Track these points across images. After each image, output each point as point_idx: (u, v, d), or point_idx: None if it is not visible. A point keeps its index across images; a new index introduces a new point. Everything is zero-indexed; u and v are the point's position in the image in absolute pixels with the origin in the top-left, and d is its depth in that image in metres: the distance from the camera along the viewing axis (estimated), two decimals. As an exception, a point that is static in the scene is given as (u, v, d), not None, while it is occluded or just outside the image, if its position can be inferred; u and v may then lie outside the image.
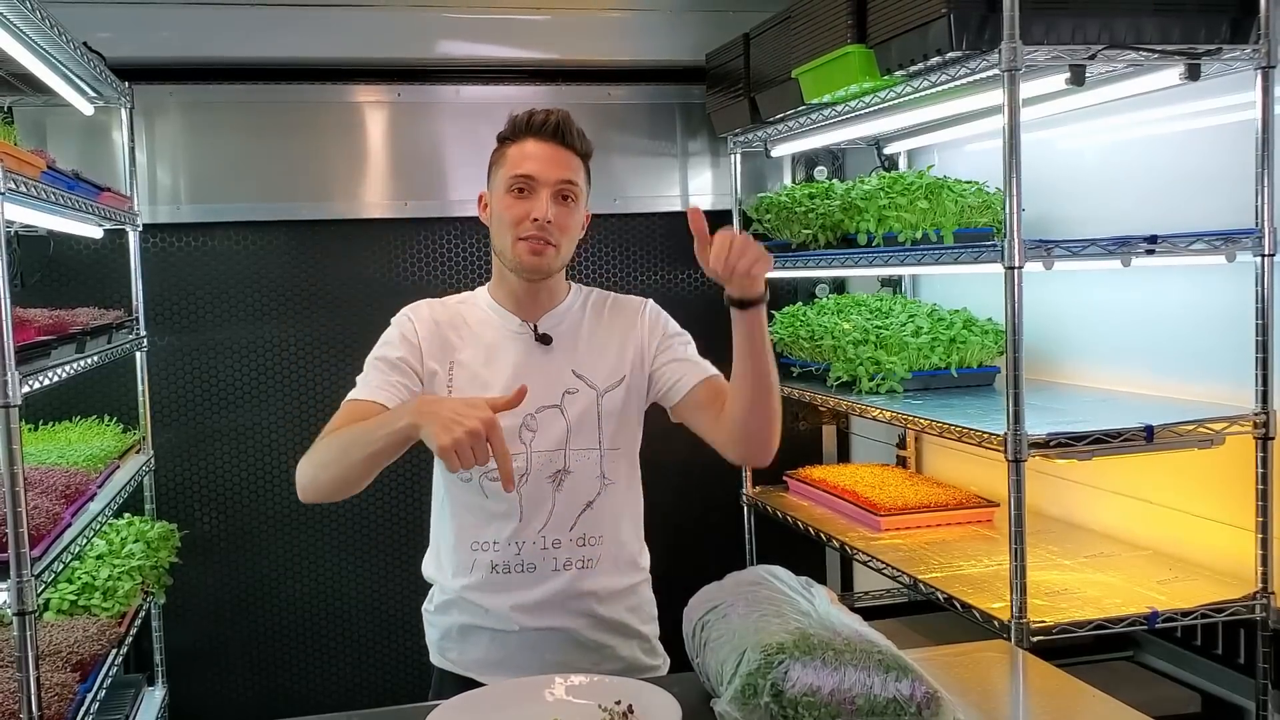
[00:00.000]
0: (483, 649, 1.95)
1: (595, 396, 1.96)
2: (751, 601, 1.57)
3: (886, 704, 1.37)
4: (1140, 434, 2.15)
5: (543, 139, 1.92)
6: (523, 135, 1.93)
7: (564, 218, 1.91)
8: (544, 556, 1.92)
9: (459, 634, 1.98)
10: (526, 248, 1.90)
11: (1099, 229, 2.43)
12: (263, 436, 3.52)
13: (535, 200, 1.89)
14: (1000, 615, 2.16)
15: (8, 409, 1.82)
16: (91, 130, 3.34)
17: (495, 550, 1.93)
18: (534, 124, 1.93)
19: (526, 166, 1.90)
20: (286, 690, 3.55)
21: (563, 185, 1.91)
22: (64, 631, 2.41)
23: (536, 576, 1.92)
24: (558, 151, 1.92)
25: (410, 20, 3.49)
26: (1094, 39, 2.14)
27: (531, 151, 1.91)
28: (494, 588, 1.93)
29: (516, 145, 1.93)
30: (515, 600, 1.92)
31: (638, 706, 1.52)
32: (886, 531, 2.85)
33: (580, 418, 1.94)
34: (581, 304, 2.04)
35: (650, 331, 2.02)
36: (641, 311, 2.05)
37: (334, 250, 3.55)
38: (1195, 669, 2.44)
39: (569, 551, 1.93)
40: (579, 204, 1.95)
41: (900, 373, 2.86)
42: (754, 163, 3.81)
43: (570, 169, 1.92)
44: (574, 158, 1.94)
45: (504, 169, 1.93)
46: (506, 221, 1.91)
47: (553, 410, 1.93)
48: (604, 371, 1.98)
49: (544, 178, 1.89)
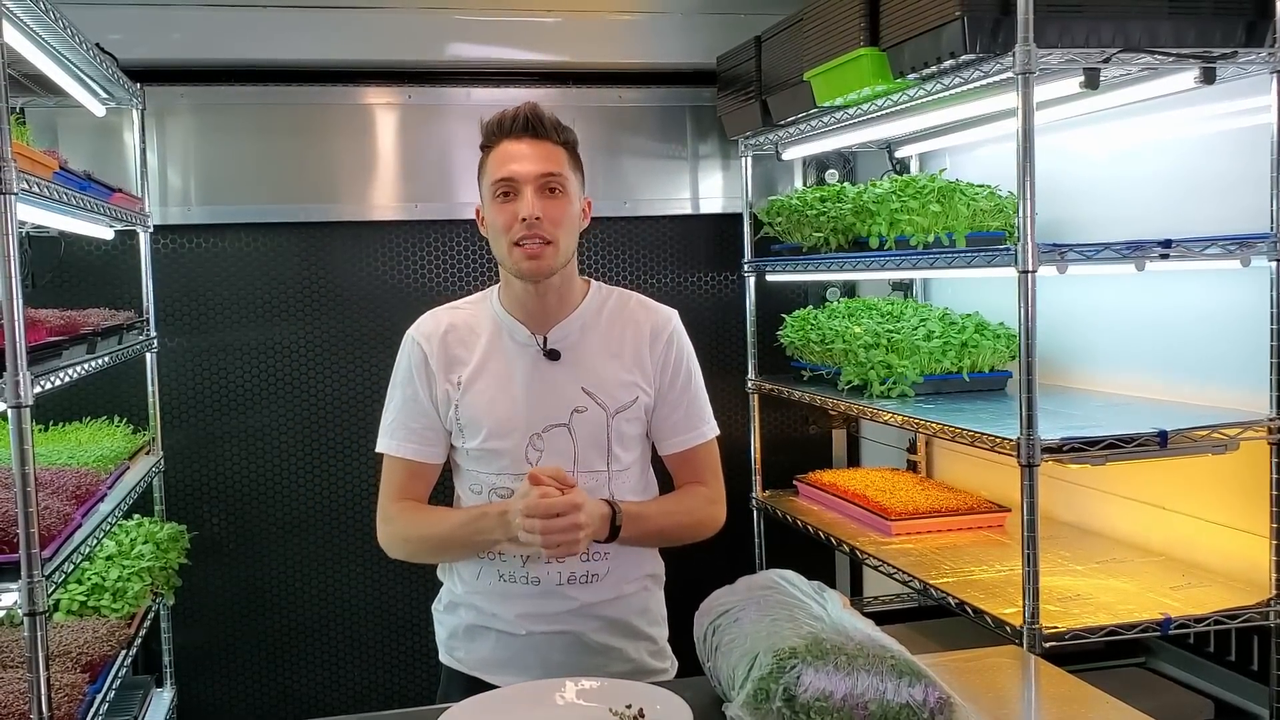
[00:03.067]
0: (489, 649, 1.95)
1: (606, 418, 1.92)
2: (763, 606, 1.56)
3: (899, 709, 1.37)
4: (1154, 439, 2.14)
5: (516, 137, 1.89)
6: (497, 139, 1.91)
7: (554, 210, 1.87)
8: (548, 571, 1.91)
9: (466, 633, 1.98)
10: (523, 253, 1.87)
11: (1113, 233, 2.41)
12: (272, 438, 3.52)
13: (520, 200, 1.86)
14: (1012, 621, 2.15)
15: (20, 409, 1.81)
16: (103, 131, 3.35)
17: (502, 560, 1.92)
18: (504, 124, 1.90)
19: (505, 169, 1.87)
20: (295, 691, 3.55)
21: (544, 178, 1.87)
22: (74, 632, 2.42)
23: (542, 589, 1.92)
24: (533, 146, 1.88)
25: (421, 22, 3.49)
26: (1108, 42, 2.13)
27: (509, 152, 1.89)
28: (501, 595, 1.93)
29: (495, 151, 1.91)
30: (521, 610, 1.92)
31: (649, 710, 1.52)
32: (897, 536, 2.84)
33: (589, 439, 1.91)
34: (598, 310, 1.98)
35: (664, 362, 1.98)
36: (662, 329, 2.00)
37: (344, 252, 3.55)
38: (1208, 676, 2.42)
39: (573, 567, 1.92)
40: (568, 194, 1.90)
41: (911, 377, 2.85)
42: (765, 166, 3.81)
43: (549, 160, 1.88)
44: (553, 148, 1.90)
45: (487, 177, 1.91)
46: (498, 228, 1.89)
47: (560, 429, 1.91)
48: (616, 390, 1.94)
49: (524, 175, 1.86)
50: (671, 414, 1.99)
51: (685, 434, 2.00)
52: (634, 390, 1.95)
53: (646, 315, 2.01)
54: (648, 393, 1.96)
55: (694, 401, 2.01)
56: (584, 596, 1.92)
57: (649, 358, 1.97)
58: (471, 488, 1.96)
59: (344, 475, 3.56)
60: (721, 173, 3.81)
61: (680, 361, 2.00)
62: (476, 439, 1.92)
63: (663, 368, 1.98)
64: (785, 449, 3.79)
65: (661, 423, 1.99)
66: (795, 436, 3.88)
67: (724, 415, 3.76)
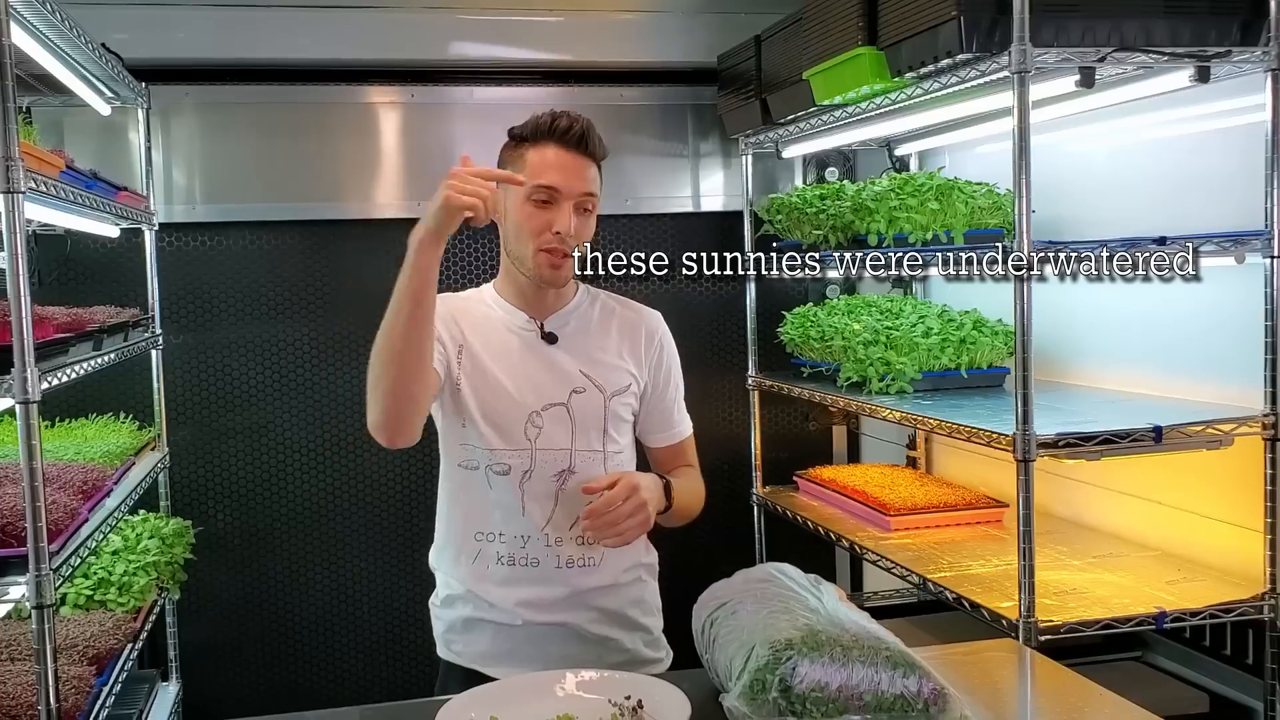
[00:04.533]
0: (487, 642, 1.97)
1: (603, 400, 1.97)
2: (760, 598, 1.58)
3: (894, 700, 1.39)
4: (1149, 434, 2.16)
5: (566, 147, 1.89)
6: (545, 139, 1.90)
7: (583, 229, 1.92)
8: (547, 554, 1.94)
9: (464, 627, 2.00)
10: (547, 260, 1.91)
11: (1109, 230, 2.43)
12: (276, 434, 3.55)
13: (558, 212, 1.89)
14: (1009, 614, 2.17)
15: (27, 404, 1.84)
16: (108, 130, 3.37)
17: (501, 541, 1.94)
18: (558, 129, 1.90)
19: (550, 177, 1.88)
20: (299, 685, 3.58)
21: (584, 198, 1.91)
22: (80, 626, 2.44)
23: (540, 572, 1.94)
24: (579, 161, 1.90)
25: (424, 22, 3.51)
26: (1104, 41, 2.14)
27: (554, 160, 1.89)
28: (498, 580, 1.95)
29: (537, 149, 1.90)
30: (520, 596, 1.94)
31: (647, 702, 1.54)
32: (896, 531, 2.86)
33: (586, 419, 1.95)
34: (590, 305, 2.05)
35: (658, 363, 2.07)
36: (654, 330, 2.08)
37: (348, 250, 3.57)
38: (1203, 669, 2.44)
39: (570, 550, 1.95)
40: (595, 213, 1.96)
41: (910, 373, 2.86)
42: (765, 164, 3.82)
43: (590, 180, 1.92)
44: (593, 166, 1.93)
45: (526, 174, 1.90)
46: (528, 231, 1.91)
47: (559, 408, 1.95)
48: (612, 376, 2.00)
49: (568, 190, 1.89)
50: (668, 409, 2.10)
51: (678, 426, 2.13)
52: (628, 377, 2.02)
53: (637, 314, 2.10)
54: (639, 383, 2.04)
55: (680, 397, 2.13)
56: (581, 582, 1.95)
57: (642, 353, 2.05)
58: (466, 463, 1.96)
59: (347, 471, 3.58)
60: (722, 171, 3.83)
61: (672, 361, 2.11)
62: (476, 415, 1.93)
63: (657, 366, 2.07)
64: (785, 445, 3.81)
65: (655, 417, 2.09)
66: (795, 433, 3.90)
67: (724, 411, 3.84)
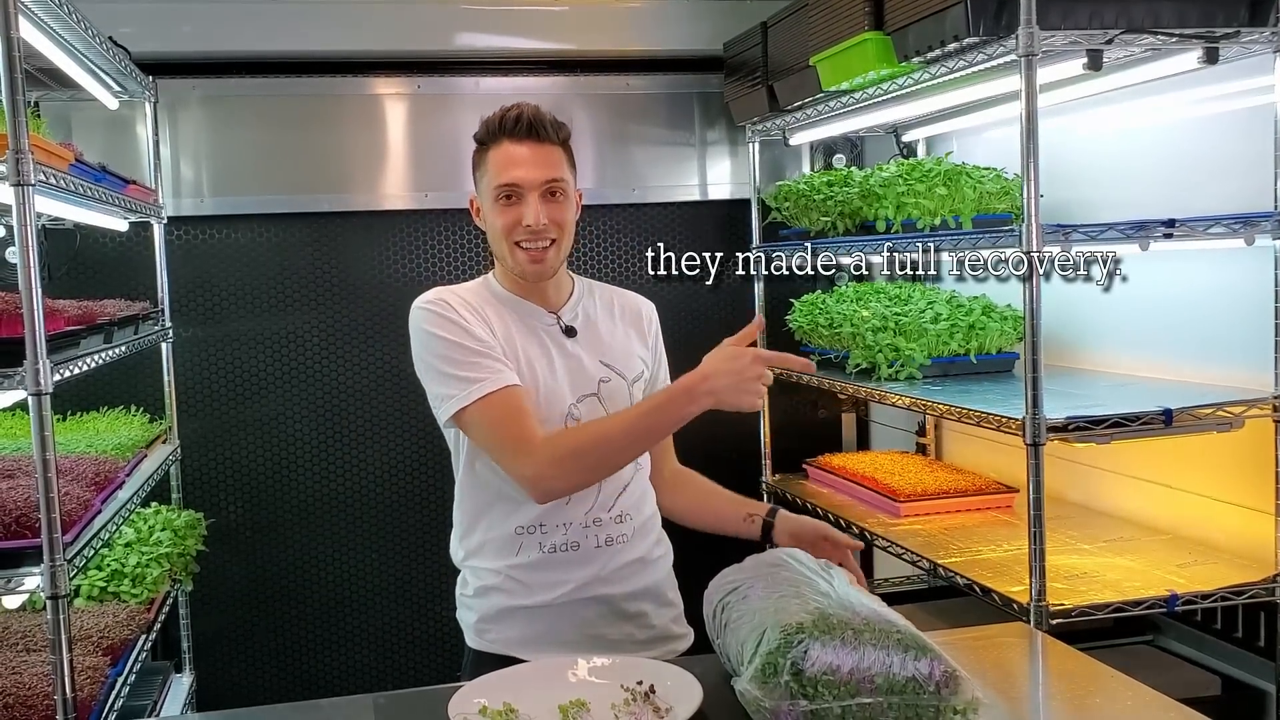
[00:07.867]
0: (520, 627, 1.97)
1: (626, 386, 2.01)
2: (771, 583, 1.59)
3: (906, 683, 1.39)
4: (1159, 417, 2.15)
5: (518, 138, 1.91)
6: (498, 137, 1.92)
7: (556, 214, 1.92)
8: (586, 535, 1.96)
9: (498, 616, 1.99)
10: (526, 257, 1.93)
11: (1117, 213, 2.42)
12: (287, 426, 3.56)
13: (525, 205, 1.90)
14: (1020, 599, 2.17)
15: (40, 396, 1.85)
16: (116, 124, 3.38)
17: (542, 533, 1.95)
18: (506, 124, 1.91)
19: (510, 174, 1.90)
20: (312, 675, 3.59)
21: (549, 184, 1.91)
22: (94, 617, 2.46)
23: (581, 555, 1.96)
24: (536, 149, 1.91)
25: (429, 13, 3.52)
26: (1111, 24, 2.13)
27: (511, 155, 1.90)
28: (542, 567, 1.96)
29: (495, 149, 1.93)
30: (559, 578, 1.96)
31: (659, 686, 1.54)
32: (906, 518, 2.86)
33: (615, 406, 1.98)
34: (589, 296, 2.08)
35: (655, 348, 2.12)
36: (651, 317, 2.13)
37: (355, 241, 3.58)
38: (1215, 652, 2.44)
39: (608, 529, 1.98)
40: (568, 195, 1.95)
41: (919, 359, 2.86)
42: (772, 151, 3.82)
43: (552, 165, 1.92)
44: (553, 150, 1.93)
45: (488, 176, 1.94)
46: (500, 230, 1.93)
47: (591, 399, 1.98)
48: (629, 363, 2.04)
49: (528, 182, 1.90)
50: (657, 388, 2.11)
51: None
52: (640, 363, 2.06)
53: (634, 301, 2.13)
54: (649, 368, 2.08)
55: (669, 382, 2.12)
56: (615, 560, 1.98)
57: (648, 339, 2.11)
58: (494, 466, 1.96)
59: (357, 461, 3.59)
60: (729, 158, 3.83)
61: (662, 346, 2.15)
62: None
63: (655, 351, 2.12)
64: (795, 433, 3.80)
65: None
66: (804, 420, 3.89)
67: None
